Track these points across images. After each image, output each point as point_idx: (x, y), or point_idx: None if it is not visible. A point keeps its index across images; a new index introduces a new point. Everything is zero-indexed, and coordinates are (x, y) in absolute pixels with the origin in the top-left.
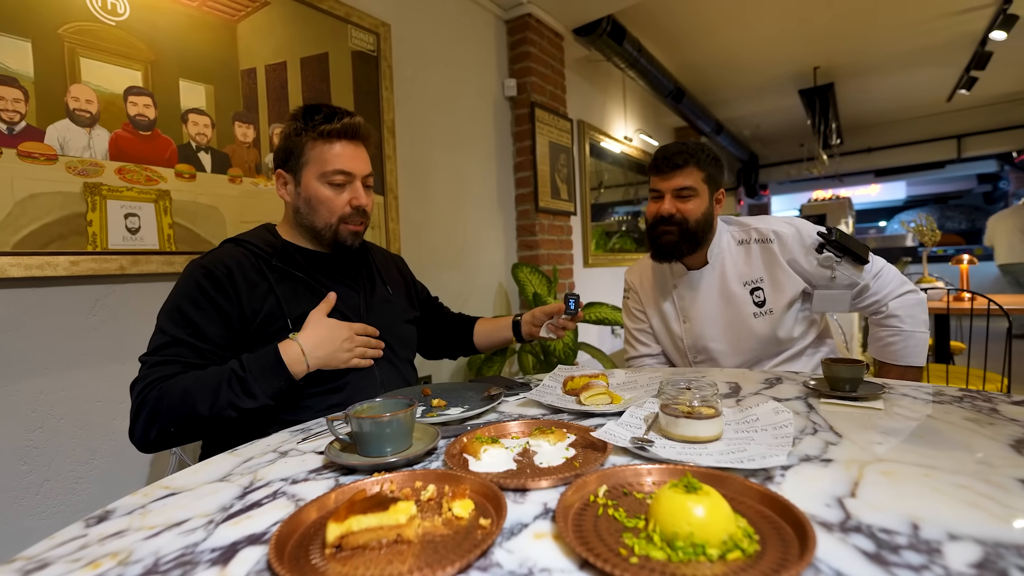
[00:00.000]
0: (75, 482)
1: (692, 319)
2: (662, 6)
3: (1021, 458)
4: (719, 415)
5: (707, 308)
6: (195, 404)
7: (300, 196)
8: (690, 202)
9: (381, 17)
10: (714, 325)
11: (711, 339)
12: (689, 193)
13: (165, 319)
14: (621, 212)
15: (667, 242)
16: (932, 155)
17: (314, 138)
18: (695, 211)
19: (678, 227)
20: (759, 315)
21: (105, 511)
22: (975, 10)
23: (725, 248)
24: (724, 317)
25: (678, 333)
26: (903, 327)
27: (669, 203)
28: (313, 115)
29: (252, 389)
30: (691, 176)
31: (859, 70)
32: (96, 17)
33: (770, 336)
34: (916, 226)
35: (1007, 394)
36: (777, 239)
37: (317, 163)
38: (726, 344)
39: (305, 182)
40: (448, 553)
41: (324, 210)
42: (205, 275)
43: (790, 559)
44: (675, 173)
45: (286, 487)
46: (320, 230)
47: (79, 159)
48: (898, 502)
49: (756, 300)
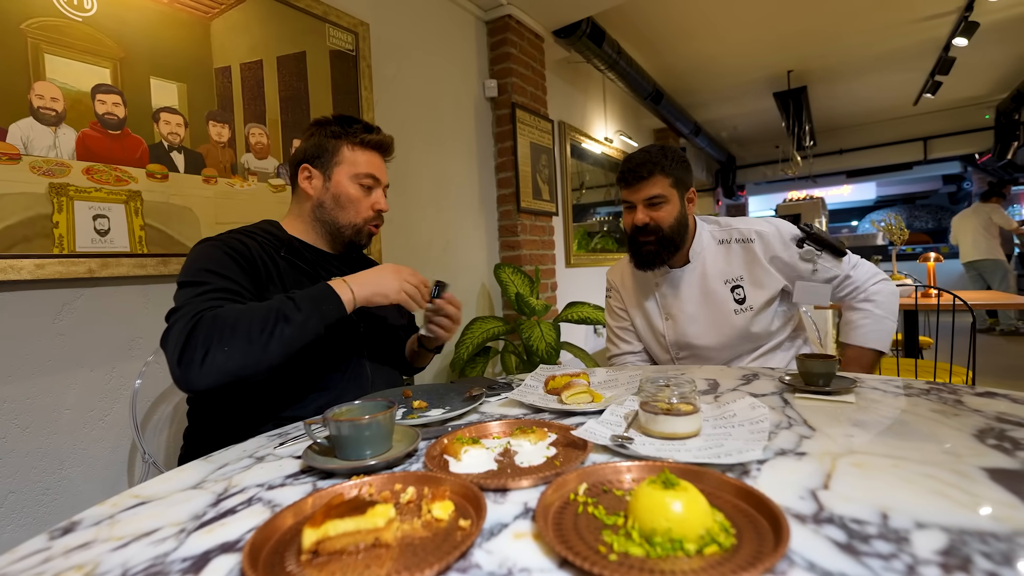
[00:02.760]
0: (42, 493)
1: (674, 316)
2: (639, 10)
3: (984, 447)
4: (697, 412)
5: (689, 306)
6: (251, 320)
7: (328, 191)
8: (662, 209)
9: (360, 16)
10: (696, 322)
11: (694, 336)
12: (659, 201)
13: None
14: (603, 212)
15: (647, 252)
16: (900, 156)
17: (353, 143)
18: (667, 217)
19: (655, 235)
20: (739, 312)
21: (71, 522)
22: (938, 17)
23: (706, 247)
24: (706, 314)
25: (661, 330)
26: (875, 311)
27: (642, 213)
28: (351, 123)
29: (302, 306)
30: (658, 184)
31: (830, 74)
32: (61, 12)
33: (750, 332)
34: (886, 225)
35: (971, 386)
36: (759, 238)
37: (350, 164)
38: (708, 340)
39: (336, 179)
40: (427, 556)
41: (352, 208)
42: (225, 244)
43: (765, 551)
44: (642, 184)
45: (262, 493)
46: (342, 227)
47: (44, 159)
48: (869, 493)
49: (737, 297)
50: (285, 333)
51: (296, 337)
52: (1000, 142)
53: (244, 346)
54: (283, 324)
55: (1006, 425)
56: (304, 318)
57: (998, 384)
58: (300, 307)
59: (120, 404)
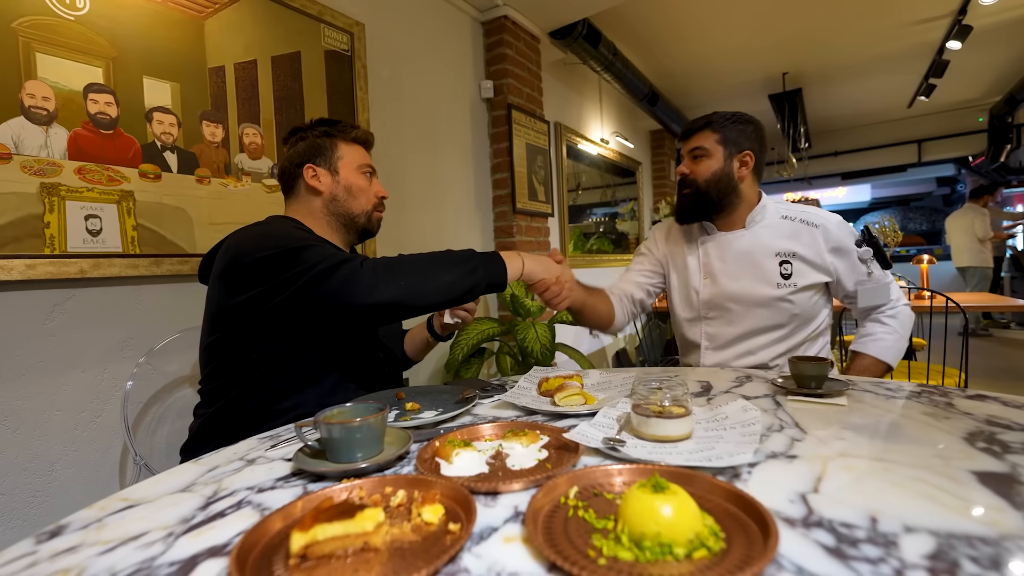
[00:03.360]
0: (32, 495)
1: (714, 275)
2: (635, 12)
3: (974, 450)
4: (689, 414)
5: (733, 268)
6: (442, 268)
7: (340, 184)
8: (701, 163)
9: (355, 16)
10: (736, 286)
11: (729, 299)
12: (701, 153)
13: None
14: (599, 213)
15: (684, 203)
16: (895, 159)
17: (346, 139)
18: (705, 171)
19: (691, 188)
20: (782, 285)
21: (58, 526)
22: (932, 20)
23: (768, 217)
24: (747, 280)
25: (695, 287)
26: (899, 329)
27: (685, 164)
28: (334, 123)
29: (472, 264)
30: (705, 138)
31: (825, 76)
32: (53, 11)
33: (784, 308)
34: (880, 227)
35: (962, 388)
36: (823, 226)
37: (352, 157)
38: (742, 306)
39: (345, 172)
40: (416, 560)
41: (363, 196)
42: (288, 229)
43: (754, 556)
44: (691, 137)
45: (252, 496)
46: (356, 216)
47: (35, 158)
48: (858, 496)
49: (784, 272)
50: (461, 284)
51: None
52: (993, 145)
53: (416, 280)
54: (466, 277)
55: (996, 428)
56: (471, 283)
57: (991, 385)
58: (475, 265)
59: (112, 406)
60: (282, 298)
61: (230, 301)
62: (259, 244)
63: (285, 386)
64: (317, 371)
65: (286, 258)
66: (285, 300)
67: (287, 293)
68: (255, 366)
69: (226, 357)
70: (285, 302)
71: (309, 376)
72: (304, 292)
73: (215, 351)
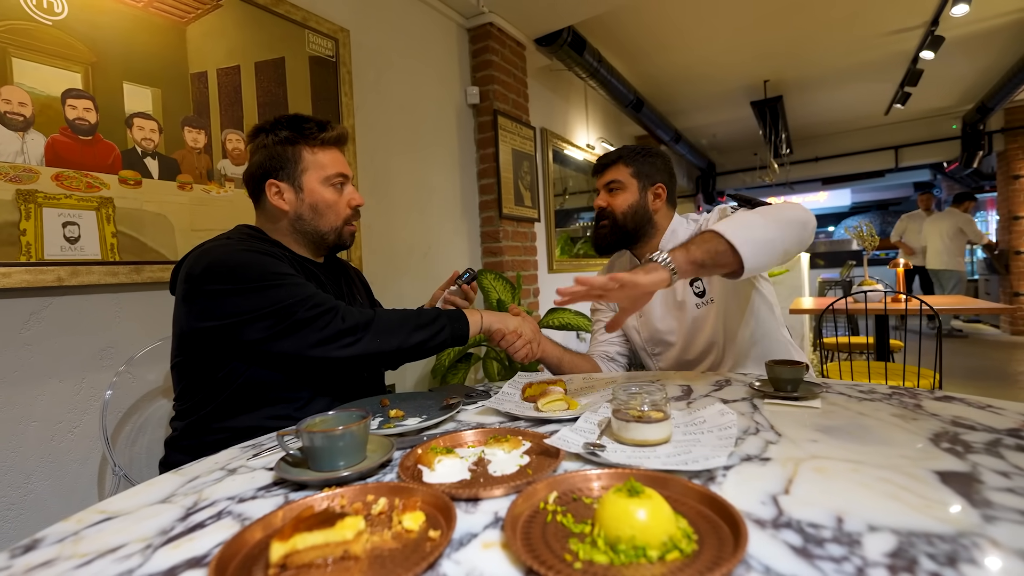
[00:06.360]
0: (7, 508)
1: (645, 312)
2: (618, 21)
3: (938, 451)
4: (668, 419)
5: (657, 303)
6: (411, 330)
7: (304, 202)
8: (618, 196)
9: (340, 23)
10: (664, 319)
11: (665, 332)
12: (616, 186)
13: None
14: (585, 218)
15: (600, 235)
16: (873, 164)
17: (312, 145)
18: (622, 204)
19: (608, 220)
20: (701, 305)
21: (33, 540)
22: (907, 31)
23: (679, 240)
24: (671, 310)
25: (635, 326)
26: (751, 213)
27: (602, 197)
28: (302, 124)
29: (439, 324)
30: (619, 171)
31: (805, 84)
32: (30, 16)
33: (717, 328)
34: (857, 231)
35: (932, 390)
36: (706, 223)
37: (317, 168)
38: (678, 337)
39: (309, 188)
40: (395, 567)
41: (331, 213)
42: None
43: (724, 556)
44: (606, 171)
45: (232, 506)
46: (325, 233)
47: (11, 164)
48: (827, 497)
49: (696, 291)
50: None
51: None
52: (966, 151)
53: (392, 348)
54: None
55: (960, 429)
56: (436, 339)
57: (965, 385)
58: (438, 323)
59: (90, 416)
60: (256, 338)
61: (195, 325)
62: (230, 271)
63: (256, 402)
64: (288, 386)
65: (263, 298)
66: (259, 340)
67: (261, 335)
68: (222, 385)
69: (194, 377)
70: (259, 341)
71: (281, 391)
72: (280, 337)
73: (183, 371)
